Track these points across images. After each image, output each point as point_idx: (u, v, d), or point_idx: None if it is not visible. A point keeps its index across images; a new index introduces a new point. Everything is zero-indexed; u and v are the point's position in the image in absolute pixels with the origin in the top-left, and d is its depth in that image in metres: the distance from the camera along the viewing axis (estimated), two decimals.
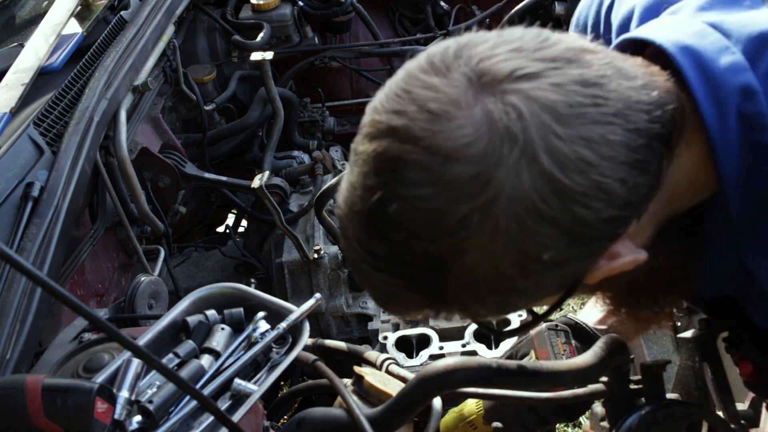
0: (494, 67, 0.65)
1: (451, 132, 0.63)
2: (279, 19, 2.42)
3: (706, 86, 0.74)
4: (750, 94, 0.73)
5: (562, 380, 1.00)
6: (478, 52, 0.66)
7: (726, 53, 0.74)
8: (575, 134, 0.63)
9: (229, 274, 2.10)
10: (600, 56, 0.69)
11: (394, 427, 1.06)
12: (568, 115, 0.63)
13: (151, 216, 1.72)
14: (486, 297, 0.71)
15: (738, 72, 0.73)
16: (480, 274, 0.67)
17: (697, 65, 0.74)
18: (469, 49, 0.67)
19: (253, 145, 2.44)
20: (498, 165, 0.62)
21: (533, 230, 0.64)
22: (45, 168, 1.42)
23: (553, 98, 0.63)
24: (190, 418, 1.01)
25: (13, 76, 1.57)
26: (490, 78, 0.64)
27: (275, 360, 1.12)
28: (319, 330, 1.91)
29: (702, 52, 0.74)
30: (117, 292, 1.67)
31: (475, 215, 0.63)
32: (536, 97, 0.63)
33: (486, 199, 0.63)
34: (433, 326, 1.67)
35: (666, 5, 0.86)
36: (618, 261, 0.72)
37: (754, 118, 0.73)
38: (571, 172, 0.63)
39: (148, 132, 1.92)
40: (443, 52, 0.68)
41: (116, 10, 1.95)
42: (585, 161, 0.63)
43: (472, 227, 0.64)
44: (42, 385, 0.87)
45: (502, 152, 0.62)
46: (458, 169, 0.63)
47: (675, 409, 1.02)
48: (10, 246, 1.25)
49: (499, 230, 0.64)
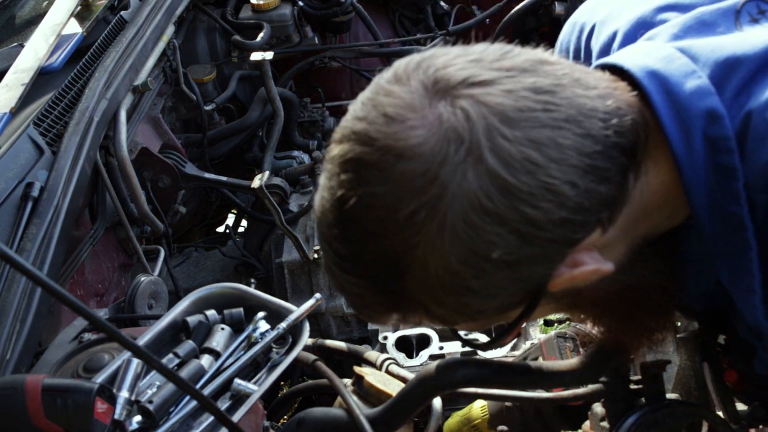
0: (450, 74, 0.68)
1: (403, 133, 0.66)
2: (279, 19, 2.42)
3: (672, 110, 0.75)
4: (715, 117, 0.74)
5: (562, 380, 1.00)
6: (438, 63, 0.70)
7: (692, 77, 0.76)
8: (522, 136, 0.66)
9: (229, 274, 2.10)
10: (558, 67, 0.72)
11: (394, 427, 1.06)
12: (517, 119, 0.66)
13: (151, 216, 1.72)
14: (441, 296, 0.73)
15: (703, 96, 0.75)
16: (432, 271, 0.70)
17: (664, 89, 0.76)
18: (430, 60, 0.71)
19: (253, 145, 2.44)
20: (444, 163, 0.65)
21: (480, 227, 0.67)
22: (45, 168, 1.42)
23: (502, 102, 0.67)
24: (190, 418, 1.01)
25: (13, 76, 1.57)
26: (444, 84, 0.68)
27: (275, 360, 1.12)
28: (319, 330, 1.91)
29: (668, 77, 0.76)
30: (117, 292, 1.67)
31: (423, 211, 0.66)
32: (485, 102, 0.66)
33: (432, 195, 0.66)
34: (433, 326, 1.67)
35: (642, 31, 0.87)
36: (580, 269, 0.73)
37: (719, 141, 0.74)
38: (517, 171, 0.65)
39: (148, 132, 1.92)
40: (407, 63, 0.72)
41: (116, 10, 1.95)
42: (531, 162, 0.66)
43: (419, 223, 0.67)
44: (42, 385, 0.87)
45: (449, 151, 0.65)
46: (407, 167, 0.66)
47: (675, 409, 1.02)
48: (10, 246, 1.25)
49: (446, 226, 0.67)
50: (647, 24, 0.88)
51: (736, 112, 0.74)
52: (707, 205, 0.77)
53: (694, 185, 0.76)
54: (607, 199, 0.71)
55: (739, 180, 0.74)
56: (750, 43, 0.76)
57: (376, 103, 0.69)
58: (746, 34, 0.79)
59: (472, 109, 0.66)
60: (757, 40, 0.76)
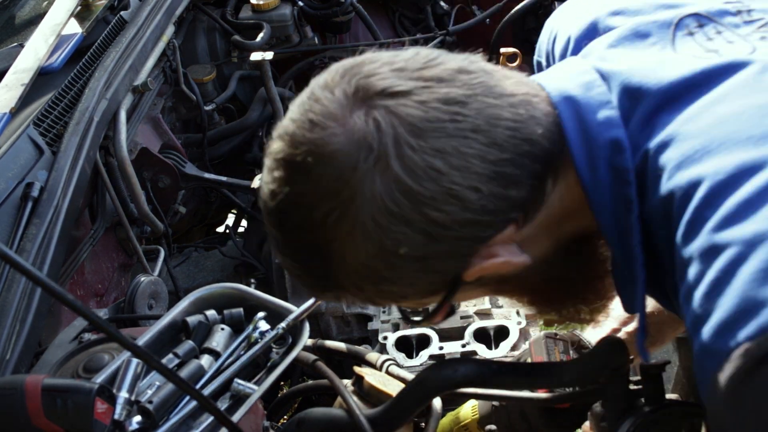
0: (370, 84, 0.74)
1: (324, 139, 0.73)
2: (279, 19, 2.42)
3: (581, 137, 0.79)
4: (619, 149, 0.78)
5: (561, 380, 1.00)
6: (363, 71, 0.76)
7: (606, 108, 0.79)
8: (428, 146, 0.71)
9: (229, 274, 2.10)
10: (474, 75, 0.76)
11: (394, 428, 1.06)
12: (424, 129, 0.72)
13: (151, 216, 1.72)
14: (362, 284, 0.80)
15: (611, 127, 0.78)
16: (350, 263, 0.77)
17: (577, 116, 0.79)
18: (358, 67, 0.77)
19: (253, 145, 2.44)
20: (355, 169, 0.72)
21: (386, 227, 0.73)
22: (45, 168, 1.42)
23: (413, 113, 0.72)
24: (190, 418, 1.01)
25: (13, 76, 1.57)
26: (363, 94, 0.74)
27: (275, 360, 1.12)
28: (319, 330, 1.91)
29: (584, 105, 0.80)
30: (117, 292, 1.67)
31: (336, 211, 0.73)
32: (397, 113, 0.72)
33: (344, 198, 0.73)
34: (433, 326, 1.67)
35: (586, 41, 0.91)
36: (489, 261, 0.79)
37: (621, 172, 0.78)
38: (420, 178, 0.72)
39: (148, 132, 1.92)
40: (337, 69, 0.78)
41: (116, 10, 1.95)
42: (434, 169, 0.72)
43: (333, 222, 0.74)
44: (42, 385, 0.87)
45: (359, 158, 0.72)
46: (325, 171, 0.73)
47: (674, 410, 1.02)
48: (10, 246, 1.25)
49: (357, 225, 0.73)
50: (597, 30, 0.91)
51: (641, 144, 0.77)
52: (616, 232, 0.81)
53: (601, 212, 0.80)
54: (518, 201, 0.76)
55: (633, 212, 0.78)
56: (659, 75, 0.78)
57: (307, 107, 0.76)
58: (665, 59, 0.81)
59: (383, 119, 0.72)
60: (666, 72, 0.78)
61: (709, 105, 0.74)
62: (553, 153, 0.78)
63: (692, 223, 0.69)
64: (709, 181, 0.69)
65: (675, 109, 0.76)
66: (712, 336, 0.65)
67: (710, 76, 0.76)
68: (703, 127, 0.73)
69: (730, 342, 0.63)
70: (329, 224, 0.74)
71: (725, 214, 0.67)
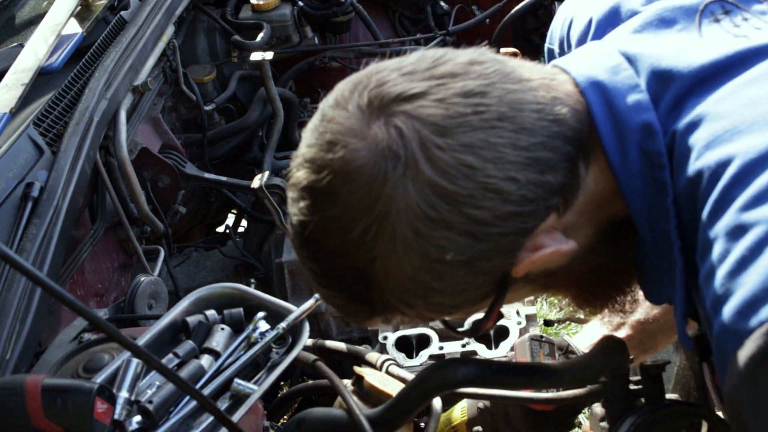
0: (383, 93, 0.72)
1: (346, 157, 0.70)
2: (279, 19, 2.42)
3: (611, 122, 0.77)
4: (650, 132, 0.76)
5: (561, 380, 1.00)
6: (372, 81, 0.73)
7: (634, 92, 0.77)
8: (455, 143, 0.69)
9: (229, 274, 2.10)
10: (487, 65, 0.74)
11: (394, 428, 1.06)
12: (449, 126, 0.69)
13: (151, 216, 1.72)
14: (410, 300, 0.77)
15: (641, 110, 0.76)
16: (395, 280, 0.74)
17: (605, 101, 0.78)
18: (366, 79, 0.74)
19: (253, 145, 2.44)
20: (385, 181, 0.69)
21: (427, 235, 0.70)
22: (45, 168, 1.42)
23: (434, 113, 0.70)
24: (190, 418, 1.01)
25: (12, 76, 1.57)
26: (378, 104, 0.71)
27: (275, 360, 1.12)
28: (319, 330, 1.91)
29: (611, 89, 0.78)
30: (117, 292, 1.67)
31: (373, 228, 0.71)
32: (417, 115, 0.70)
33: (379, 212, 0.70)
34: (433, 326, 1.67)
35: (608, 26, 0.89)
36: (539, 253, 0.76)
37: (653, 156, 0.76)
38: (455, 177, 0.69)
39: (148, 132, 1.92)
40: (344, 86, 0.76)
41: (116, 10, 1.94)
42: (467, 166, 0.69)
43: (371, 239, 0.71)
44: (42, 385, 0.87)
45: (388, 169, 0.69)
46: (353, 189, 0.70)
47: (674, 409, 1.02)
48: (10, 246, 1.25)
49: (397, 239, 0.71)
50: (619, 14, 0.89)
51: (668, 128, 0.76)
52: (648, 218, 0.79)
53: (632, 198, 0.78)
54: (556, 186, 0.73)
55: (669, 196, 0.76)
56: (689, 58, 0.77)
57: (321, 130, 0.73)
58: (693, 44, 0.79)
59: (404, 125, 0.69)
60: (696, 55, 0.77)
61: (740, 87, 0.73)
62: (582, 134, 0.76)
63: (719, 202, 0.68)
64: (739, 160, 0.67)
65: (705, 91, 0.74)
66: (734, 315, 0.64)
67: (741, 59, 0.75)
68: (734, 108, 0.71)
69: (752, 321, 0.62)
70: (367, 243, 0.71)
71: (754, 193, 0.65)
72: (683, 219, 0.76)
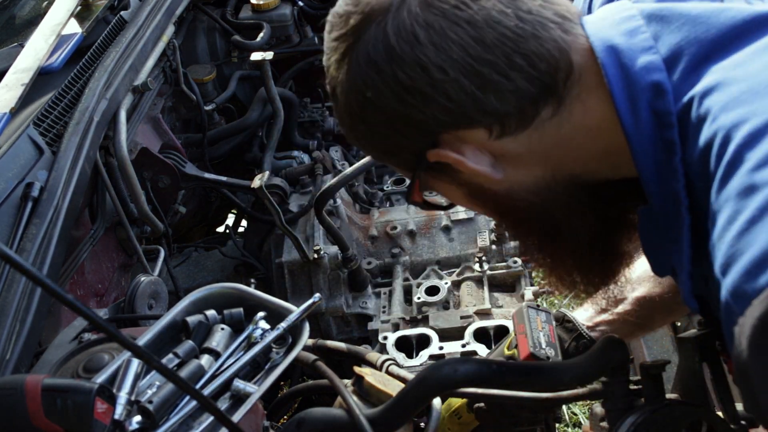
0: None
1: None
2: (279, 19, 2.42)
3: (623, 81, 0.79)
4: (660, 92, 0.77)
5: (561, 380, 1.00)
6: None
7: (647, 53, 0.79)
8: (422, 16, 0.79)
9: (229, 274, 2.10)
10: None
11: (394, 427, 1.06)
12: (430, 5, 0.79)
13: (151, 216, 1.72)
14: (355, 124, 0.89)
15: (652, 71, 0.78)
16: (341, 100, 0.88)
17: (618, 63, 0.80)
18: None
19: (253, 145, 2.44)
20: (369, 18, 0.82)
21: (364, 72, 0.83)
22: (45, 168, 1.42)
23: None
24: (190, 418, 1.01)
25: (13, 76, 1.57)
26: None
27: (275, 360, 1.12)
28: (319, 330, 1.91)
29: (625, 52, 0.80)
30: (117, 292, 1.67)
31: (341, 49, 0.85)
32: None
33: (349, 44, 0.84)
34: (433, 326, 1.67)
35: None
36: (448, 152, 0.85)
37: (663, 115, 0.77)
38: (402, 39, 0.80)
39: (148, 132, 1.92)
40: None
41: (116, 10, 1.95)
42: (415, 36, 0.79)
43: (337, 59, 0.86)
44: (42, 385, 0.87)
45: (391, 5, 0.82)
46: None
47: (675, 409, 1.02)
48: (10, 246, 1.25)
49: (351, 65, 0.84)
50: None
51: (686, 90, 0.76)
52: (656, 179, 0.80)
53: (642, 157, 0.80)
54: (491, 109, 0.80)
55: (677, 154, 0.76)
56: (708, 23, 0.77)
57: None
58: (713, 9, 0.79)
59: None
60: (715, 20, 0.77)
61: (757, 52, 0.73)
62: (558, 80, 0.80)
63: (731, 164, 0.67)
64: (753, 121, 0.67)
65: (722, 57, 0.75)
66: (742, 276, 0.63)
67: (758, 23, 0.75)
68: (750, 72, 0.72)
69: (761, 281, 0.61)
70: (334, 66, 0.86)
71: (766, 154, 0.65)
72: (696, 186, 0.75)
